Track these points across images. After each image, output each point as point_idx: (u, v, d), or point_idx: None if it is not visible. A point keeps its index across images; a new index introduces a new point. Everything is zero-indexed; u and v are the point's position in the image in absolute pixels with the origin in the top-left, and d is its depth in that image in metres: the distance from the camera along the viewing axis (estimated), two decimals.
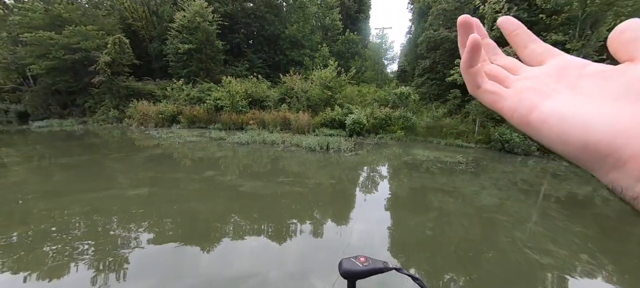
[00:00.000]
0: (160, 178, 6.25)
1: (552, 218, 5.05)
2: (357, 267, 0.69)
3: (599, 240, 4.32)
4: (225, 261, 3.20)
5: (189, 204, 4.79)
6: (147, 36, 24.66)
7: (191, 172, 6.87)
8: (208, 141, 11.31)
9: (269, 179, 6.37)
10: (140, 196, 5.04)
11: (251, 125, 14.69)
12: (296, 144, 10.73)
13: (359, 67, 25.43)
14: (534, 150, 12.04)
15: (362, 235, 3.97)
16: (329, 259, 3.27)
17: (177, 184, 5.88)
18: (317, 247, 3.64)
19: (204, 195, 5.36)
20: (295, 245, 3.61)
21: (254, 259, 3.23)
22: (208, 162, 8.01)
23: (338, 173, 7.32)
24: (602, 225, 5.05)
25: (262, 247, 3.50)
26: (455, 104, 16.31)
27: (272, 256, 3.29)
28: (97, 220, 3.99)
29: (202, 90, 18.03)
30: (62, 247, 3.27)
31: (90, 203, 4.58)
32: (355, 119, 13.90)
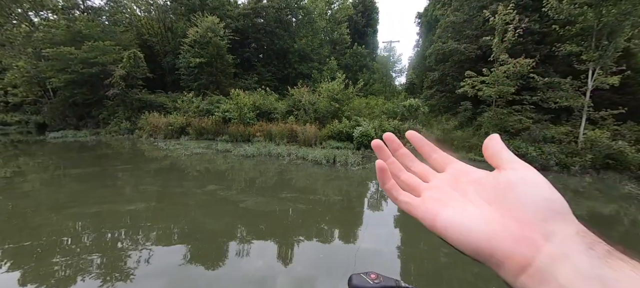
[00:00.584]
0: (161, 193, 6.15)
1: None
2: (367, 284, 0.66)
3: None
4: (220, 286, 2.97)
5: (187, 222, 4.62)
6: (162, 51, 25.53)
7: (194, 186, 6.74)
8: (214, 153, 11.28)
9: (272, 194, 6.17)
10: (137, 212, 4.92)
11: (258, 137, 14.66)
12: (302, 157, 10.55)
13: (367, 80, 25.40)
14: (553, 165, 11.41)
15: (370, 256, 3.68)
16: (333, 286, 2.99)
17: (177, 199, 5.75)
18: (320, 271, 3.37)
19: (203, 211, 5.19)
20: (295, 272, 3.34)
21: (250, 285, 2.99)
22: (212, 175, 7.90)
23: (344, 189, 7.06)
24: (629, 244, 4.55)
25: (258, 271, 3.26)
26: (466, 116, 15.87)
27: (270, 284, 3.04)
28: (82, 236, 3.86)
29: (211, 102, 18.28)
30: (71, 259, 3.13)
31: (83, 218, 4.47)
32: (363, 132, 13.66)
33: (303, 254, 3.69)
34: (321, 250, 3.82)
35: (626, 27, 11.15)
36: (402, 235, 4.59)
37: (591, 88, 11.64)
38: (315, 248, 3.84)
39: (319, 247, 3.89)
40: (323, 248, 3.87)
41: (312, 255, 3.65)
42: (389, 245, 4.09)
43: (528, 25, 13.52)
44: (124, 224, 4.31)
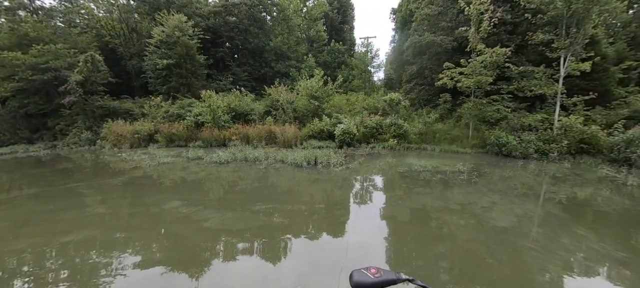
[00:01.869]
0: (110, 216, 5.23)
1: (584, 238, 4.31)
2: (368, 278, 0.66)
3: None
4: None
5: (133, 253, 3.81)
6: (126, 53, 23.62)
7: (152, 203, 5.86)
8: (184, 162, 10.28)
9: (244, 207, 5.44)
10: (69, 245, 4.03)
11: (234, 141, 13.74)
12: (281, 160, 9.84)
13: (346, 76, 25.02)
14: (532, 152, 11.52)
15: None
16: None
17: (125, 224, 4.89)
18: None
19: (152, 239, 4.38)
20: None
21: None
22: (177, 188, 7.01)
23: (326, 195, 6.46)
24: (602, 223, 4.33)
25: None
26: (446, 108, 15.86)
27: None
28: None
29: (182, 106, 17.03)
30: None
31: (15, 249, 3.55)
32: (345, 129, 13.17)
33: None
34: (301, 280, 3.19)
35: (593, 14, 11.44)
36: (394, 250, 4.07)
37: (564, 75, 11.87)
38: (292, 279, 3.20)
39: (297, 277, 3.26)
40: (303, 278, 3.24)
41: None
42: (379, 265, 3.54)
43: (501, 15, 13.62)
44: (43, 265, 3.44)
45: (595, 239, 4.29)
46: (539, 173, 9.19)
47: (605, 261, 3.66)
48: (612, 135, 11.06)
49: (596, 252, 3.87)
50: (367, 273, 0.68)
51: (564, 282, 3.20)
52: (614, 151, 10.65)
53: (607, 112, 12.95)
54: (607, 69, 13.51)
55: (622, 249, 3.98)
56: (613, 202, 6.25)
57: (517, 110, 13.62)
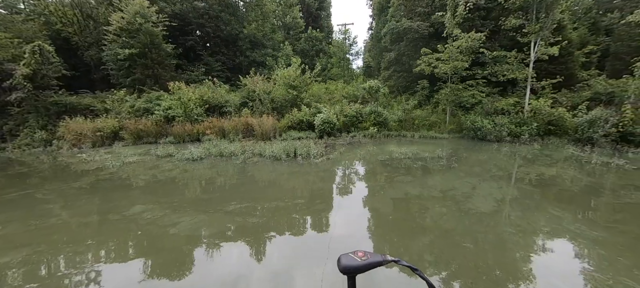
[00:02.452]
0: (59, 227, 4.59)
1: (559, 218, 4.36)
2: (355, 262, 0.66)
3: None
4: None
5: (78, 272, 3.31)
6: (83, 43, 21.39)
7: (112, 209, 5.25)
8: (152, 160, 9.49)
9: (217, 208, 5.00)
10: (10, 265, 3.44)
11: (208, 135, 12.96)
12: (259, 154, 9.37)
13: (324, 64, 24.54)
14: (505, 135, 11.93)
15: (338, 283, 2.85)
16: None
17: (75, 235, 4.30)
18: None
19: (111, 251, 3.87)
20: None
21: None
22: (142, 190, 6.38)
23: (306, 189, 6.16)
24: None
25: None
26: (424, 94, 16.02)
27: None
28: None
29: (149, 99, 15.75)
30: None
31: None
32: (325, 119, 12.86)
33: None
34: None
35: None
36: (377, 244, 3.87)
37: (534, 59, 12.26)
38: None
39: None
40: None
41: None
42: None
43: (476, 0, 13.73)
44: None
45: (570, 219, 4.37)
46: (512, 155, 9.49)
47: (583, 242, 3.70)
48: (576, 116, 11.68)
49: (572, 233, 3.91)
50: (354, 256, 0.68)
51: (540, 263, 3.17)
52: (579, 131, 11.27)
53: (571, 94, 13.67)
54: (572, 53, 14.19)
55: (598, 229, 4.07)
56: (580, 180, 6.52)
57: (491, 94, 14.01)
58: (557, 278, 3.00)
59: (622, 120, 10.62)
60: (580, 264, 3.24)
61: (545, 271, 3.12)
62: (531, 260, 3.36)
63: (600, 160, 8.53)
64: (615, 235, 3.93)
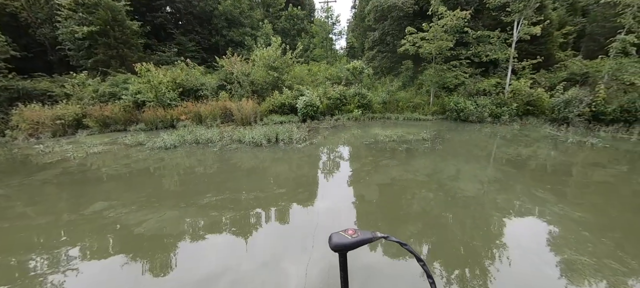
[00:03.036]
0: (3, 231, 3.97)
1: (544, 201, 4.31)
2: (346, 239, 0.68)
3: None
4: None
5: (26, 281, 2.82)
6: (33, 20, 19.03)
7: (70, 208, 4.66)
8: (120, 150, 8.69)
9: (190, 202, 4.55)
10: None
11: (183, 121, 12.12)
12: (238, 140, 8.83)
13: (306, 45, 23.60)
14: (487, 116, 12.06)
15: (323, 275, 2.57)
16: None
17: (23, 239, 3.73)
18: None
19: (65, 257, 3.37)
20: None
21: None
22: (105, 185, 5.75)
23: (288, 177, 5.80)
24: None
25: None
26: (408, 75, 15.81)
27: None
28: None
29: (115, 83, 14.42)
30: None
31: None
32: (308, 102, 12.36)
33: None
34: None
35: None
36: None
37: (516, 39, 12.26)
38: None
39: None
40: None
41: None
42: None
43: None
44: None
45: (553, 201, 4.34)
46: (493, 136, 9.58)
47: (568, 223, 3.66)
48: (553, 96, 11.95)
49: (556, 214, 3.87)
50: (345, 234, 0.69)
51: (526, 245, 3.07)
52: (555, 111, 11.58)
53: (549, 75, 13.96)
54: (551, 34, 14.35)
55: (580, 210, 4.06)
56: (557, 160, 6.63)
57: (473, 75, 14.03)
58: (542, 259, 2.90)
59: (595, 100, 10.99)
60: (564, 246, 3.17)
61: (531, 254, 3.02)
62: (517, 242, 3.27)
63: (575, 139, 8.78)
64: (597, 215, 3.94)
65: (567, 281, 2.67)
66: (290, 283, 2.70)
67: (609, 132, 10.02)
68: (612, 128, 10.25)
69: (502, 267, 2.90)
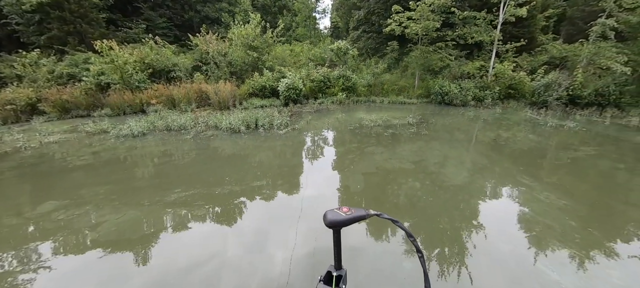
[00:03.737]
0: None
1: (531, 188, 4.21)
2: (340, 216, 0.71)
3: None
4: None
5: None
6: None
7: (15, 209, 4.03)
8: (80, 139, 7.82)
9: (155, 199, 4.05)
10: None
11: (154, 105, 11.18)
12: (214, 126, 8.21)
13: (288, 23, 22.43)
14: (470, 100, 12.06)
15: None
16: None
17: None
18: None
19: (1, 271, 2.85)
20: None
21: None
22: (58, 180, 5.08)
23: (267, 167, 5.39)
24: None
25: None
26: (394, 57, 15.43)
27: None
28: None
29: (74, 62, 12.99)
30: None
31: None
32: (290, 84, 11.74)
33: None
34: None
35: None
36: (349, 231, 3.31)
37: (502, 21, 12.11)
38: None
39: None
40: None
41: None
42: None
43: None
44: None
45: (539, 188, 4.27)
46: (477, 119, 9.57)
47: (553, 211, 3.56)
48: (534, 80, 12.09)
49: (542, 202, 3.78)
50: (339, 212, 0.72)
51: (514, 234, 2.93)
52: (535, 95, 11.75)
53: (530, 58, 14.10)
54: (534, 16, 14.35)
55: (566, 198, 3.99)
56: (539, 143, 6.65)
57: (458, 58, 13.89)
58: (533, 251, 2.77)
59: (572, 84, 11.21)
60: (553, 236, 3.06)
61: (518, 242, 2.88)
62: (504, 230, 3.14)
63: (554, 122, 8.93)
64: (577, 201, 3.89)
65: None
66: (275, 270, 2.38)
67: (585, 115, 10.32)
68: (587, 111, 10.56)
69: (492, 257, 2.73)
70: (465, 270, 2.63)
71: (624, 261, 2.76)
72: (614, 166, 5.35)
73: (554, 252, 2.88)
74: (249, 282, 2.51)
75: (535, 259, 2.78)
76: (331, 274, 0.79)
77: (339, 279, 0.78)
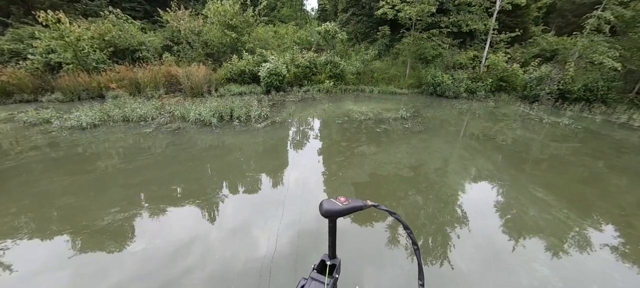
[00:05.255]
0: None
1: (549, 206, 3.61)
2: (337, 206, 0.70)
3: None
4: None
5: None
6: None
7: None
8: (14, 131, 6.48)
9: (79, 223, 3.07)
10: None
11: (115, 89, 9.75)
12: (181, 116, 7.10)
13: (272, 2, 20.80)
14: (462, 91, 11.52)
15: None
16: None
17: None
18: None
19: None
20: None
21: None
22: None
23: (236, 173, 4.49)
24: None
25: None
26: (384, 43, 14.54)
27: None
28: None
29: (19, 37, 11.11)
30: None
31: None
32: (272, 69, 10.63)
33: None
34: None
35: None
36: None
37: (498, 8, 11.48)
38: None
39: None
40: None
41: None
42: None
43: None
44: None
45: (557, 205, 3.69)
46: (472, 114, 9.02)
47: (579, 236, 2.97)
48: (527, 72, 11.69)
49: (564, 223, 3.19)
50: (336, 201, 0.70)
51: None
52: (527, 88, 11.38)
53: (522, 50, 13.70)
54: (529, 6, 13.85)
55: (588, 220, 3.42)
56: (548, 146, 6.15)
57: (451, 47, 13.23)
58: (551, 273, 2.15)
59: (564, 78, 10.90)
60: (580, 257, 2.46)
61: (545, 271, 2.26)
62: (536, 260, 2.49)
63: (550, 119, 8.54)
64: (603, 217, 3.34)
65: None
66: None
67: (575, 111, 10.07)
68: (577, 107, 10.32)
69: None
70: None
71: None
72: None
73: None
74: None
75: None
76: (325, 263, 0.79)
77: (332, 268, 0.79)
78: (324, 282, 0.75)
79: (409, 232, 0.73)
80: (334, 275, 0.78)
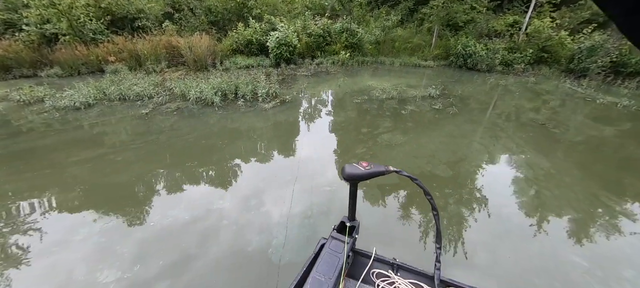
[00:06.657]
0: None
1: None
2: (359, 170, 0.72)
3: None
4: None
5: None
6: None
7: None
8: (10, 111, 6.00)
9: (63, 229, 2.52)
10: None
11: (113, 63, 9.07)
12: (181, 95, 6.38)
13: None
14: (497, 64, 10.10)
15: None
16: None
17: None
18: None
19: None
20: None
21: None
22: None
23: (237, 176, 3.82)
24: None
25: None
26: (408, 7, 12.85)
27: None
28: None
29: (13, 6, 10.37)
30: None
31: None
32: (282, 39, 9.55)
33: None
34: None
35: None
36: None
37: None
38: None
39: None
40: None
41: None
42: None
43: None
44: None
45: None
46: (512, 93, 7.78)
47: None
48: (575, 41, 10.03)
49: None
50: (358, 166, 0.71)
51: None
52: (574, 60, 9.82)
53: (570, 13, 11.76)
54: None
55: None
56: (613, 141, 5.09)
57: (487, 10, 11.49)
58: None
59: (619, 48, 9.27)
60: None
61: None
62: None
63: (606, 100, 7.25)
64: None
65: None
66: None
67: (630, 88, 8.61)
68: (632, 83, 8.82)
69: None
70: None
71: None
72: None
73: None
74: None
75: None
76: (345, 224, 0.84)
77: (352, 229, 0.84)
78: (343, 241, 0.82)
79: (430, 198, 0.89)
80: (353, 235, 0.85)
